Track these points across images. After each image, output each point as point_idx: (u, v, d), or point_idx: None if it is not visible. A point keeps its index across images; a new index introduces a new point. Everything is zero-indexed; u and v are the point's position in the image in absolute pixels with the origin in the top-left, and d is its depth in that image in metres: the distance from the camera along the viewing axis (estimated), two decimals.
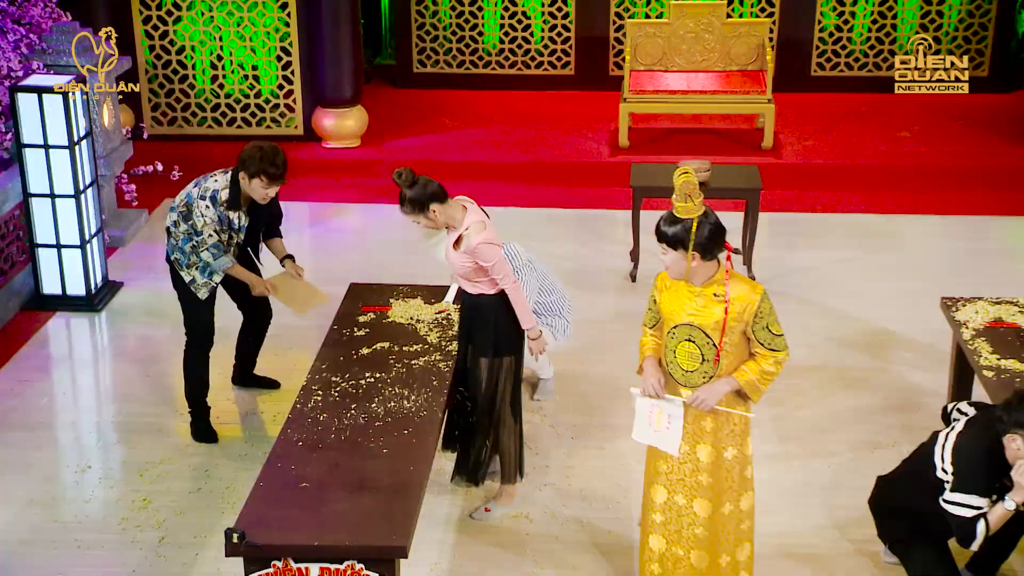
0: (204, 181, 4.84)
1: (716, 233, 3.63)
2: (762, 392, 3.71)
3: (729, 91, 8.18)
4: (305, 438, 4.11)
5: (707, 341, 3.65)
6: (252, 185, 4.73)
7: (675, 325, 3.71)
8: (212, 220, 4.76)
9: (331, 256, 7.05)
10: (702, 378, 3.70)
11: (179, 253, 4.91)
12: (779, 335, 3.68)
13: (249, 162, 4.69)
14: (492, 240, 4.23)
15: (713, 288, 3.65)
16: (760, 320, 3.64)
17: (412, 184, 4.21)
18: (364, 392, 4.42)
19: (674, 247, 3.62)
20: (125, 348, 6.04)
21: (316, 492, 3.80)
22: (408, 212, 4.26)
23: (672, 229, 3.62)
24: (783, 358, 3.69)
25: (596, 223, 7.46)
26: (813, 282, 6.67)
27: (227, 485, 4.83)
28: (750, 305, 3.63)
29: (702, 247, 3.60)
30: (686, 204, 3.60)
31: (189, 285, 4.92)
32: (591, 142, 8.46)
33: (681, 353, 3.72)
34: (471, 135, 8.62)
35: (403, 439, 4.10)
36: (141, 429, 5.24)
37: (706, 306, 3.64)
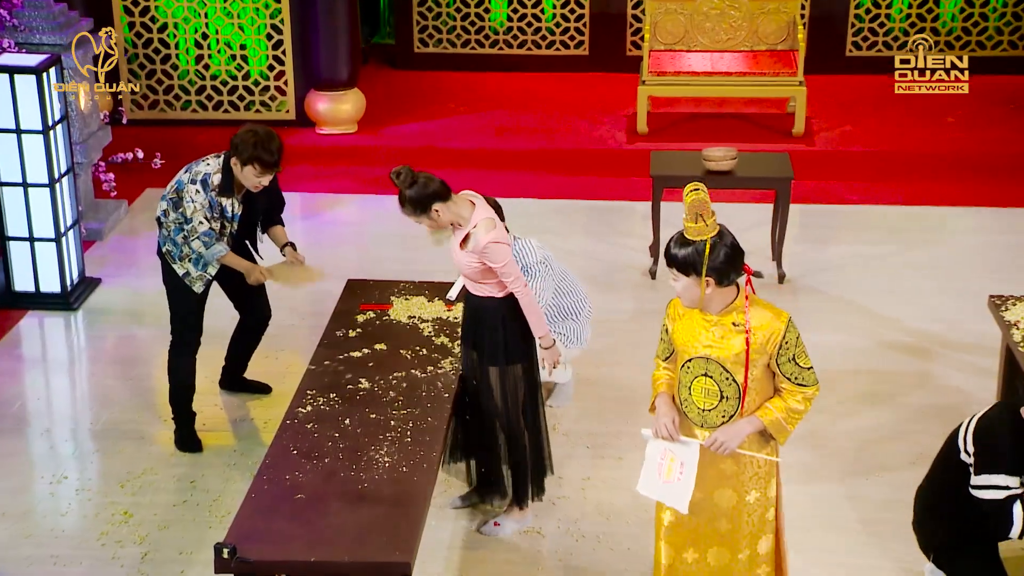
0: (195, 165, 4.85)
1: (733, 256, 3.49)
2: (789, 432, 3.59)
3: (757, 73, 8.18)
4: (300, 446, 4.13)
5: (726, 376, 3.53)
6: (244, 172, 4.72)
7: (690, 358, 3.58)
8: (203, 206, 4.77)
9: (326, 251, 7.06)
10: (721, 417, 3.58)
11: (171, 245, 4.91)
12: (808, 368, 3.56)
13: (242, 147, 4.69)
14: (502, 239, 4.22)
15: (732, 316, 3.51)
16: (786, 351, 3.51)
17: (411, 184, 4.20)
18: (363, 397, 4.43)
19: (686, 272, 3.48)
20: (103, 349, 6.06)
21: (312, 503, 3.82)
22: (409, 213, 4.25)
23: (683, 252, 3.48)
24: (812, 394, 3.58)
25: (612, 216, 7.47)
26: (848, 279, 6.67)
27: (215, 497, 4.84)
28: (774, 335, 3.49)
29: (717, 272, 3.46)
30: (697, 224, 3.46)
31: (183, 279, 4.92)
32: (607, 128, 8.47)
33: (697, 390, 3.60)
34: (476, 121, 8.64)
35: (405, 447, 4.12)
36: (121, 437, 5.25)
37: (724, 337, 3.51)
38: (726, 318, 3.52)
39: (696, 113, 8.62)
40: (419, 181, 4.20)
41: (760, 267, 6.78)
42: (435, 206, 4.19)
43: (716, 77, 8.19)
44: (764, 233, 7.00)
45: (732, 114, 8.58)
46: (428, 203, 4.19)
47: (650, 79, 8.21)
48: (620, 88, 8.92)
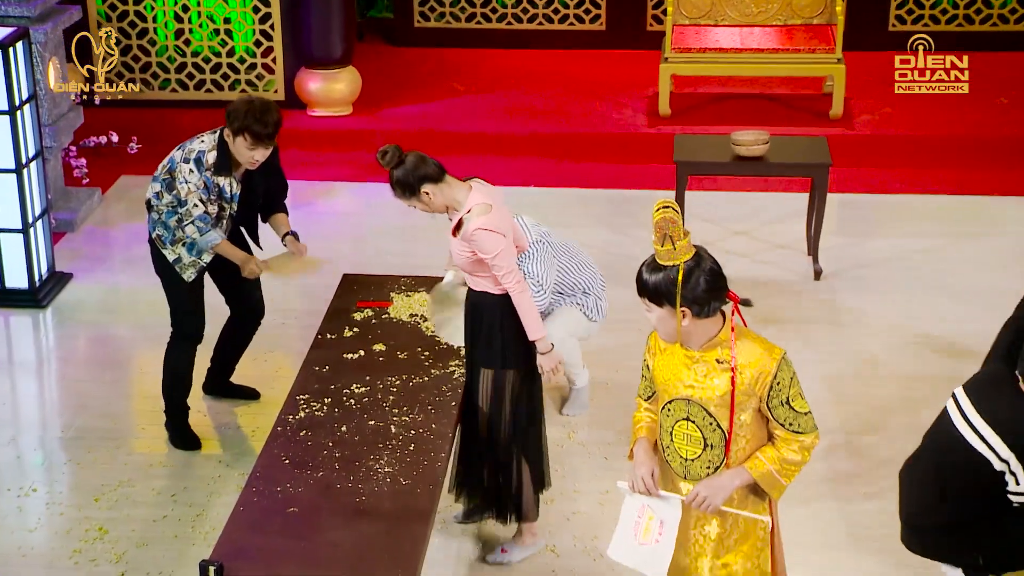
0: (189, 143, 4.87)
1: (713, 282, 3.30)
2: (784, 486, 3.41)
3: (791, 49, 8.19)
4: (292, 456, 4.15)
5: (709, 421, 3.37)
6: (236, 145, 4.74)
7: (671, 399, 3.42)
8: (197, 187, 4.79)
9: (318, 243, 7.03)
10: (706, 469, 3.42)
11: (162, 229, 4.93)
12: (804, 413, 3.37)
13: (233, 116, 4.71)
14: (494, 227, 4.19)
15: (716, 352, 3.33)
16: (778, 393, 3.33)
17: (398, 163, 4.23)
18: (360, 403, 4.45)
19: (658, 302, 3.30)
20: (75, 350, 6.09)
21: (306, 518, 3.84)
22: (399, 195, 4.28)
23: (654, 279, 3.30)
24: (811, 443, 3.38)
25: (632, 205, 7.48)
26: (891, 276, 6.68)
27: (198, 512, 4.86)
28: (764, 373, 3.31)
29: (695, 302, 3.28)
30: (665, 247, 3.27)
31: (174, 265, 4.95)
32: (626, 110, 8.47)
33: (679, 436, 3.44)
34: (482, 102, 8.65)
35: (408, 458, 4.14)
36: (95, 445, 5.27)
37: (708, 375, 3.34)
38: (709, 354, 3.35)
39: (724, 94, 8.63)
40: (407, 161, 4.23)
41: (794, 262, 6.79)
42: (425, 188, 4.22)
43: (746, 54, 8.20)
44: (799, 225, 7.01)
45: (763, 95, 8.59)
46: (417, 185, 4.22)
47: (673, 56, 8.21)
48: (640, 66, 8.92)
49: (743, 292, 6.47)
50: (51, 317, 6.33)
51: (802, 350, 5.96)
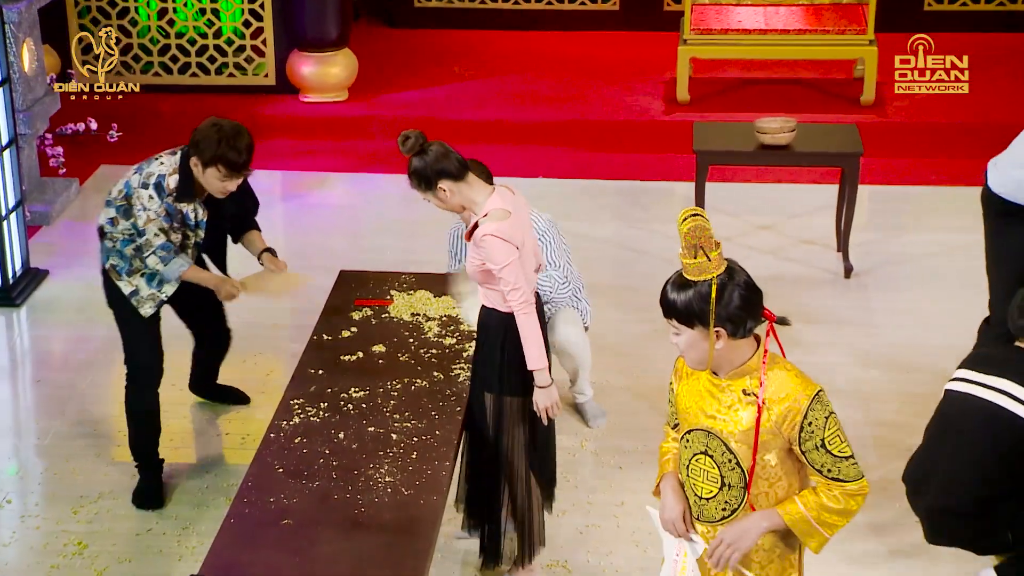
0: (147, 165, 4.73)
1: (749, 297, 3.17)
2: (825, 537, 3.24)
3: (819, 30, 8.19)
4: (286, 464, 4.16)
5: (728, 457, 3.25)
6: (207, 175, 4.62)
7: (690, 429, 3.32)
8: (158, 214, 4.66)
9: (312, 238, 7.11)
10: (721, 511, 3.29)
11: (117, 258, 4.79)
12: (845, 458, 3.20)
13: (204, 145, 4.58)
14: (506, 236, 4.12)
15: (743, 381, 3.22)
16: (811, 435, 3.18)
17: (420, 152, 4.20)
18: (359, 408, 4.46)
19: (689, 323, 3.17)
20: (51, 353, 6.10)
21: (302, 530, 3.85)
22: (414, 186, 4.25)
23: (683, 297, 3.15)
24: (856, 490, 3.22)
25: (648, 198, 7.49)
26: (926, 273, 6.68)
27: (184, 525, 4.87)
28: (793, 412, 3.16)
29: (728, 320, 3.15)
30: (697, 260, 3.13)
31: (130, 298, 4.81)
32: (641, 96, 8.48)
33: (696, 471, 3.32)
34: (487, 87, 8.66)
35: (410, 467, 4.15)
36: (73, 454, 5.28)
37: (732, 406, 3.22)
38: (737, 383, 3.23)
39: (747, 78, 8.63)
40: (429, 151, 4.19)
41: (823, 259, 6.79)
42: (443, 183, 4.19)
43: (770, 35, 8.20)
44: (828, 219, 7.01)
45: (789, 79, 8.59)
46: (435, 179, 4.19)
47: (692, 38, 8.22)
48: (657, 49, 8.93)
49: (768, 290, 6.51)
50: (26, 316, 6.35)
51: (831, 353, 5.97)
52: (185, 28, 8.52)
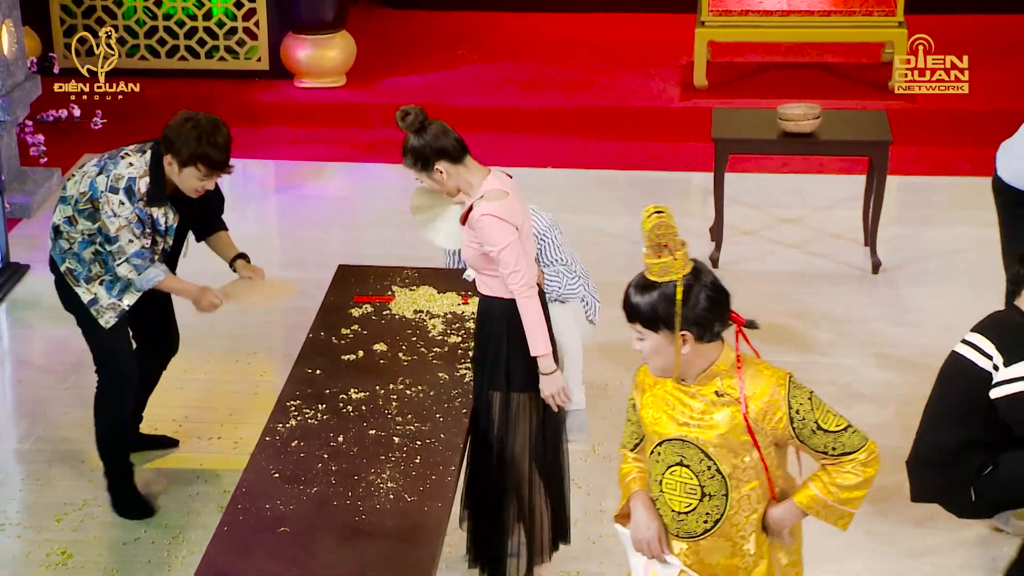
0: (113, 165, 4.60)
1: (717, 299, 3.20)
2: (848, 513, 3.29)
3: (845, 12, 8.20)
4: (283, 469, 4.17)
5: (707, 465, 3.27)
6: (183, 175, 4.55)
7: (661, 441, 3.32)
8: (130, 221, 4.55)
9: (307, 232, 7.12)
10: (703, 523, 3.32)
11: (75, 261, 4.69)
12: (843, 429, 3.24)
13: (180, 143, 4.50)
14: (504, 215, 4.14)
15: (714, 384, 3.26)
16: (804, 422, 3.23)
17: (419, 129, 4.23)
18: (360, 410, 4.47)
19: (653, 327, 3.20)
20: (33, 352, 6.11)
21: (299, 538, 3.85)
22: (409, 165, 4.29)
23: (647, 299, 3.19)
24: (868, 457, 3.25)
25: (664, 189, 7.50)
26: (958, 269, 6.68)
27: (175, 533, 4.89)
28: (773, 406, 3.21)
29: (696, 323, 3.18)
30: (662, 259, 3.17)
31: (89, 307, 4.72)
32: (656, 81, 8.50)
33: (671, 485, 3.32)
34: (492, 72, 8.68)
35: (413, 471, 4.15)
36: (57, 458, 5.29)
37: (706, 412, 3.26)
38: (707, 387, 3.26)
39: (768, 63, 8.64)
40: (429, 129, 4.22)
41: (849, 254, 6.80)
42: (440, 165, 4.22)
43: (793, 17, 8.21)
44: (855, 212, 7.01)
45: (814, 63, 8.61)
46: (433, 158, 4.22)
47: (711, 20, 8.23)
48: (673, 31, 8.95)
49: (791, 287, 6.57)
50: (5, 314, 6.36)
51: (859, 352, 5.97)
52: (173, 9, 8.53)
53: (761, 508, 3.33)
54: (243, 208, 7.38)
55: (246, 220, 7.25)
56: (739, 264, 6.72)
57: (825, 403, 3.25)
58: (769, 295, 6.45)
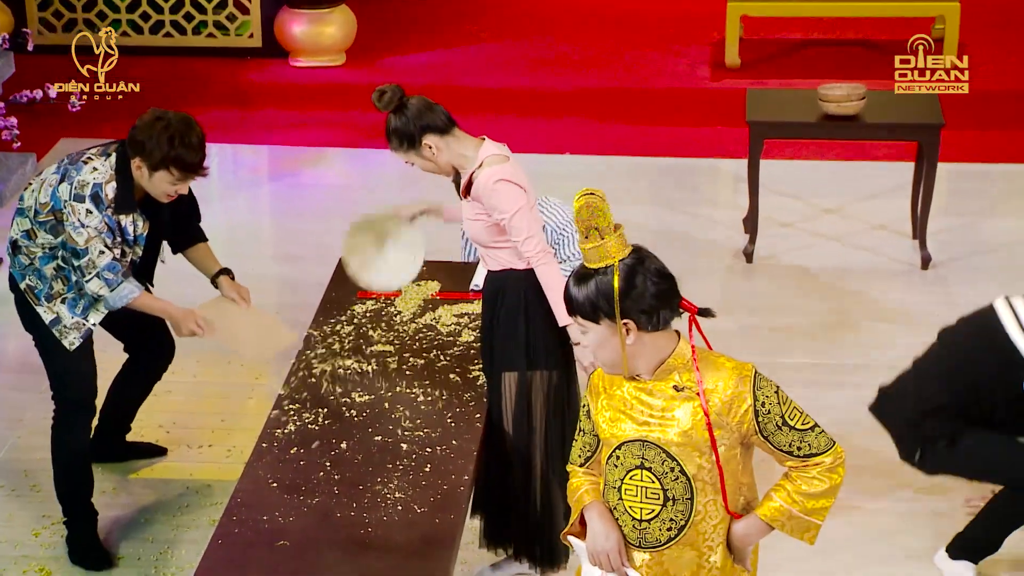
0: (76, 171, 4.53)
1: (660, 284, 3.25)
2: (817, 526, 3.32)
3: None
4: (281, 478, 4.20)
5: (670, 466, 3.29)
6: (154, 179, 4.48)
7: (619, 444, 3.34)
8: (99, 230, 4.49)
9: (304, 223, 7.14)
10: (667, 531, 3.34)
11: (35, 278, 4.63)
12: (809, 428, 3.28)
13: (151, 145, 4.44)
14: (512, 178, 4.23)
15: (671, 378, 3.30)
16: (767, 416, 3.26)
17: (398, 108, 4.28)
18: (364, 414, 4.50)
19: (594, 317, 3.24)
20: (7, 352, 6.14)
21: (301, 552, 3.88)
22: (395, 148, 4.34)
23: (584, 290, 3.24)
24: (834, 462, 3.29)
25: (693, 177, 7.51)
26: (1015, 264, 6.67)
27: (162, 549, 4.91)
28: (737, 399, 3.25)
29: (640, 311, 3.22)
30: (593, 244, 3.23)
31: (51, 329, 4.66)
32: (684, 60, 8.50)
33: (631, 491, 3.34)
34: (506, 50, 8.69)
35: (423, 481, 4.18)
36: (34, 468, 5.29)
37: (665, 409, 3.29)
38: (665, 381, 3.29)
39: (807, 39, 8.65)
40: (409, 106, 4.27)
41: (897, 247, 6.80)
42: (428, 139, 4.27)
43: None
44: (902, 201, 7.02)
45: (857, 40, 8.61)
46: (419, 135, 4.26)
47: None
48: (703, 5, 8.95)
49: (832, 284, 6.58)
50: None
51: (906, 355, 5.96)
52: None
53: (729, 518, 3.36)
54: (234, 197, 7.43)
55: (237, 210, 7.31)
56: (775, 258, 6.74)
57: (792, 399, 3.29)
58: (807, 292, 6.47)
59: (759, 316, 6.28)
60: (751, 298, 6.43)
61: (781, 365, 5.74)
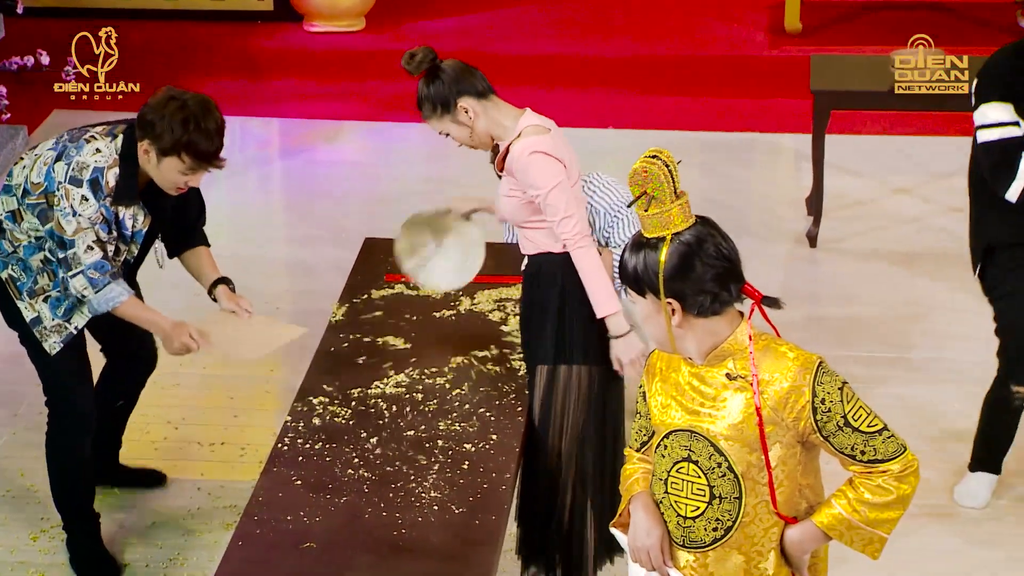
0: (76, 150, 4.44)
1: (718, 266, 3.21)
2: (882, 539, 3.28)
3: None
4: (305, 475, 4.23)
5: (718, 462, 3.28)
6: (163, 166, 4.39)
7: (667, 433, 3.35)
8: (92, 222, 4.40)
9: (319, 203, 7.19)
10: (712, 531, 3.32)
11: (18, 268, 4.55)
12: (877, 431, 3.24)
13: (162, 127, 4.33)
14: (550, 150, 4.22)
15: (726, 364, 3.28)
16: (829, 414, 3.21)
17: (431, 72, 4.28)
18: (395, 407, 4.54)
19: (639, 290, 3.25)
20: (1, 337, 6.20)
21: (328, 556, 3.91)
22: (428, 115, 4.33)
23: (633, 260, 3.24)
24: (903, 470, 3.24)
25: (750, 154, 7.54)
26: None
27: (171, 555, 4.96)
28: (794, 393, 3.21)
29: (691, 292, 3.20)
30: (649, 213, 3.20)
31: (32, 329, 4.60)
32: (740, 25, 8.51)
33: (678, 484, 3.34)
34: (542, 14, 8.71)
35: (461, 479, 4.21)
36: (31, 466, 5.30)
37: (717, 397, 3.28)
38: (717, 368, 3.28)
39: (877, 1, 8.64)
40: (445, 67, 4.28)
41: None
42: (463, 102, 4.26)
43: None
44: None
45: (935, 2, 8.59)
46: (453, 98, 4.26)
47: None
48: None
49: (904, 270, 6.59)
50: None
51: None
52: None
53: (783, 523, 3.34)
54: (242, 175, 7.47)
55: (246, 189, 7.36)
56: (841, 242, 6.76)
57: (860, 398, 3.24)
58: (877, 279, 6.49)
59: (823, 305, 6.30)
60: (814, 285, 6.46)
61: (846, 359, 5.76)
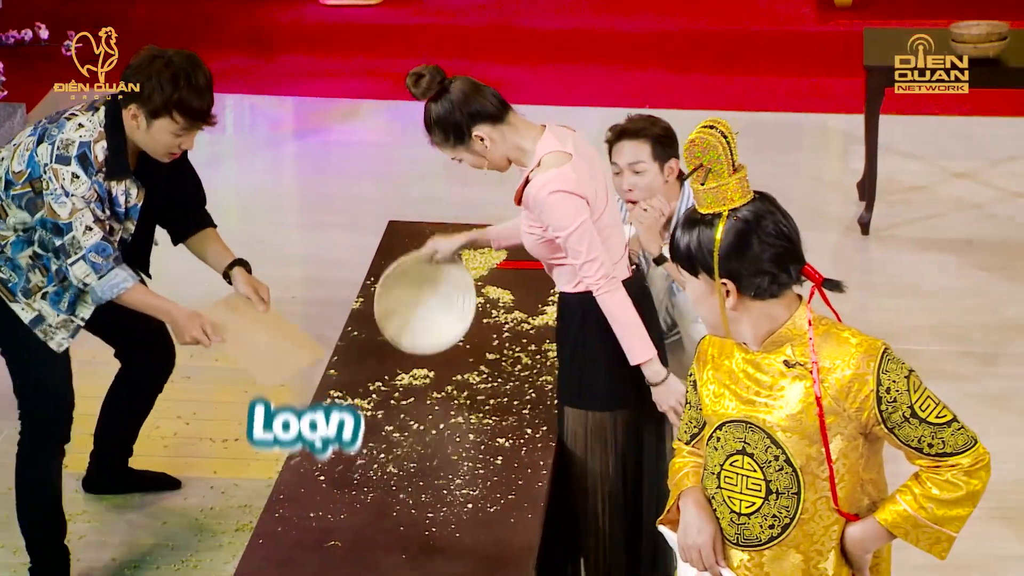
0: (57, 130, 4.43)
1: (777, 246, 3.21)
2: (950, 537, 3.27)
3: None
4: (329, 471, 4.27)
5: (774, 454, 3.28)
6: (153, 129, 4.39)
7: (720, 424, 3.35)
8: (87, 200, 4.39)
9: (334, 186, 7.21)
10: (768, 529, 3.33)
11: (7, 268, 4.53)
12: (946, 422, 3.22)
13: (150, 88, 4.34)
14: (568, 187, 4.12)
15: (783, 350, 3.27)
16: (894, 405, 3.20)
17: (439, 93, 4.19)
18: (424, 400, 4.58)
19: (692, 269, 3.25)
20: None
21: (354, 555, 3.94)
22: (439, 142, 4.25)
23: (686, 238, 3.24)
24: (972, 465, 3.22)
25: (797, 134, 7.55)
26: None
27: (183, 557, 5.00)
28: (859, 380, 3.20)
29: (748, 273, 3.20)
30: (707, 187, 3.19)
31: (33, 329, 4.56)
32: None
33: (732, 478, 3.35)
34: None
35: (494, 475, 4.24)
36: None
37: (775, 386, 3.27)
38: (774, 355, 3.28)
39: None
40: (453, 90, 4.17)
41: None
42: (479, 130, 4.17)
43: None
44: None
45: None
46: (468, 125, 4.16)
47: None
48: None
49: (963, 259, 6.61)
50: None
51: None
52: None
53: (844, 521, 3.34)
54: (252, 157, 7.52)
55: (256, 171, 7.39)
56: (896, 230, 6.77)
57: (928, 389, 3.22)
58: (934, 268, 6.50)
59: (876, 295, 6.32)
60: (867, 274, 6.47)
61: (901, 353, 5.72)
